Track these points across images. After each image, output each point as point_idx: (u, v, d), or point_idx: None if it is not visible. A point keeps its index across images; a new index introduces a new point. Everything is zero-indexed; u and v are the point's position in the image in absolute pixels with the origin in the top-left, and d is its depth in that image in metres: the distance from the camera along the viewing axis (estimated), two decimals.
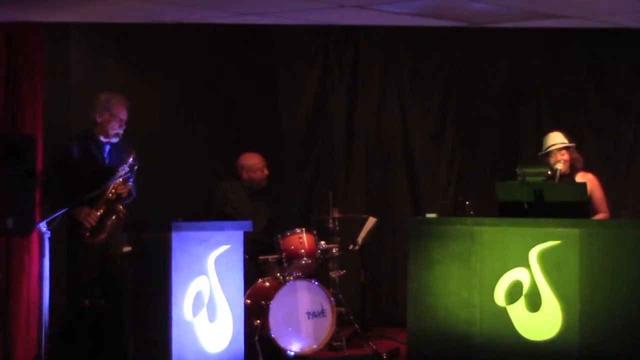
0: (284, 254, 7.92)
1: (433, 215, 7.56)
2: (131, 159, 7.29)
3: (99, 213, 7.23)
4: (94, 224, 7.21)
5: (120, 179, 7.28)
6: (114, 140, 7.43)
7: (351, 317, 8.31)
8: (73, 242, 7.28)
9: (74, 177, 7.28)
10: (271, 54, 9.84)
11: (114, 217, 7.29)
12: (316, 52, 9.98)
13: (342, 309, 8.20)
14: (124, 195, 7.34)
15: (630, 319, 6.51)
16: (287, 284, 7.71)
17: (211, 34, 9.25)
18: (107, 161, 7.39)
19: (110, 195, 7.27)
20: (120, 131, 7.43)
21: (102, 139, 7.41)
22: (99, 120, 7.41)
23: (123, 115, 7.44)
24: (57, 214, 7.06)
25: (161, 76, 9.29)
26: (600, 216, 7.79)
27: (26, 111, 7.73)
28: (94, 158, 7.38)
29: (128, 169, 7.28)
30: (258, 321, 7.55)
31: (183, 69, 9.37)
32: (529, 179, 7.15)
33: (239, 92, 9.58)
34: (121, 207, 7.31)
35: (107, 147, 7.43)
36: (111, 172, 7.29)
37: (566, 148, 7.92)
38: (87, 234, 7.20)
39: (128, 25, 8.59)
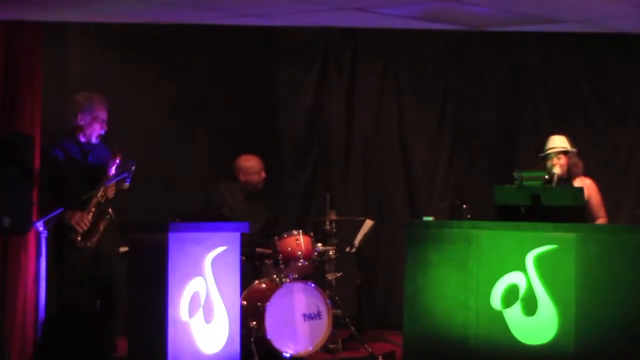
0: (280, 255, 7.92)
1: (430, 218, 7.56)
2: (118, 160, 7.25)
3: (90, 216, 7.19)
4: (86, 228, 7.18)
5: (115, 181, 7.25)
6: (95, 141, 7.38)
7: (347, 320, 8.31)
8: (64, 245, 7.24)
9: (61, 180, 7.24)
10: (270, 56, 9.85)
11: (106, 219, 7.25)
12: (315, 54, 9.99)
13: (338, 311, 8.20)
14: (112, 197, 7.30)
15: (626, 324, 6.51)
16: (284, 285, 7.71)
17: (210, 35, 9.25)
18: (91, 162, 7.35)
19: (100, 198, 7.23)
20: (102, 132, 7.37)
21: (82, 140, 7.36)
22: (80, 123, 7.30)
23: (104, 116, 7.37)
24: (54, 214, 7.05)
25: (159, 77, 9.29)
26: (599, 222, 7.79)
27: (24, 110, 7.71)
28: (77, 160, 7.32)
29: (116, 170, 7.23)
30: (254, 323, 7.55)
31: (181, 70, 9.38)
32: (526, 182, 7.16)
33: (238, 94, 9.59)
34: (110, 209, 7.27)
35: (89, 148, 7.39)
36: (97, 173, 7.26)
37: (564, 153, 7.91)
38: (79, 239, 7.16)
39: (127, 25, 8.59)
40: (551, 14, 7.87)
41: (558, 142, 7.95)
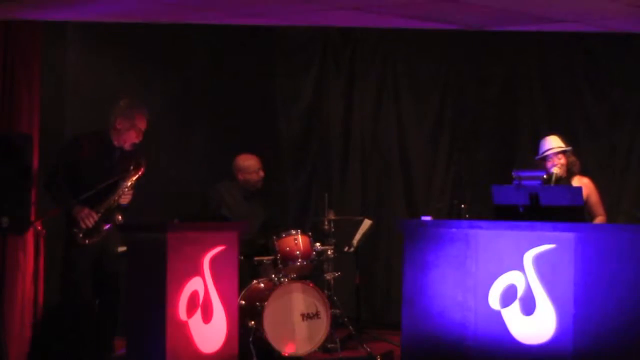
0: (279, 255, 7.92)
1: (428, 218, 7.56)
2: (141, 172, 7.27)
3: (97, 216, 7.20)
4: (90, 227, 7.18)
5: (127, 187, 7.25)
6: (128, 148, 7.39)
7: (345, 319, 8.32)
8: (68, 239, 7.26)
9: (78, 174, 7.26)
10: (268, 55, 9.85)
11: (110, 224, 7.25)
12: (313, 53, 9.99)
13: (337, 310, 8.21)
14: (125, 203, 7.32)
15: (624, 323, 6.51)
16: (282, 285, 7.71)
17: (209, 35, 9.26)
18: (114, 166, 7.34)
19: (113, 202, 7.25)
20: (137, 141, 7.39)
21: (115, 143, 7.38)
22: (118, 127, 7.35)
23: (143, 126, 7.40)
24: (53, 213, 7.06)
25: (158, 76, 9.28)
26: (598, 219, 7.80)
27: (22, 110, 7.73)
28: (101, 161, 7.34)
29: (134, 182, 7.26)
30: (252, 322, 7.55)
31: (180, 69, 9.37)
32: (524, 182, 7.16)
33: (236, 93, 9.59)
34: (120, 217, 7.27)
35: (118, 153, 7.40)
36: (115, 178, 7.26)
37: (563, 152, 7.92)
38: (80, 235, 7.17)
39: (125, 24, 8.58)
40: (550, 14, 7.87)
41: (554, 143, 7.96)
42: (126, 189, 7.27)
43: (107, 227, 7.24)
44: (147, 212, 8.48)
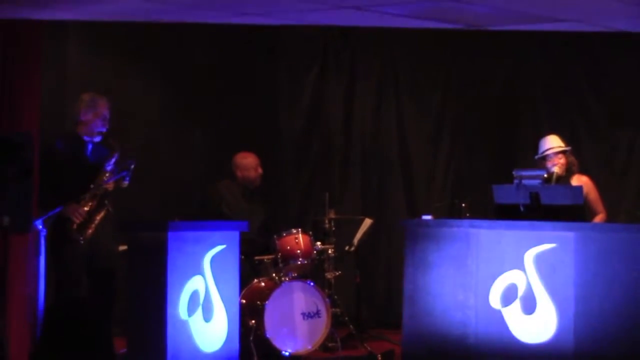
0: (279, 254, 7.92)
1: (429, 217, 7.57)
2: (115, 157, 7.30)
3: (87, 208, 7.22)
4: (82, 219, 7.20)
5: (115, 180, 7.28)
6: (97, 139, 7.44)
7: (346, 318, 8.33)
8: (58, 239, 7.26)
9: (60, 176, 7.28)
10: (269, 55, 9.85)
11: (102, 212, 7.28)
12: (314, 53, 9.98)
13: (337, 309, 8.22)
14: (111, 190, 7.34)
15: (624, 322, 6.52)
16: (283, 284, 7.71)
17: (209, 34, 9.26)
18: (90, 160, 7.39)
19: (98, 192, 7.26)
20: (104, 130, 7.44)
21: (85, 138, 7.42)
22: (83, 119, 7.41)
23: (107, 114, 7.46)
24: (53, 212, 7.06)
25: (158, 75, 9.29)
26: (598, 217, 7.82)
27: (23, 109, 7.72)
28: (77, 157, 7.37)
29: (114, 166, 7.28)
30: (253, 321, 7.55)
31: (180, 68, 9.37)
32: (525, 181, 7.16)
33: (237, 93, 9.58)
34: (109, 204, 7.29)
35: (90, 146, 7.43)
36: (96, 170, 7.30)
37: (563, 152, 7.94)
38: (75, 228, 7.18)
39: (126, 24, 8.59)
40: (550, 13, 7.88)
41: (554, 142, 7.98)
42: (106, 176, 7.29)
43: (99, 216, 7.26)
44: (147, 211, 8.50)
